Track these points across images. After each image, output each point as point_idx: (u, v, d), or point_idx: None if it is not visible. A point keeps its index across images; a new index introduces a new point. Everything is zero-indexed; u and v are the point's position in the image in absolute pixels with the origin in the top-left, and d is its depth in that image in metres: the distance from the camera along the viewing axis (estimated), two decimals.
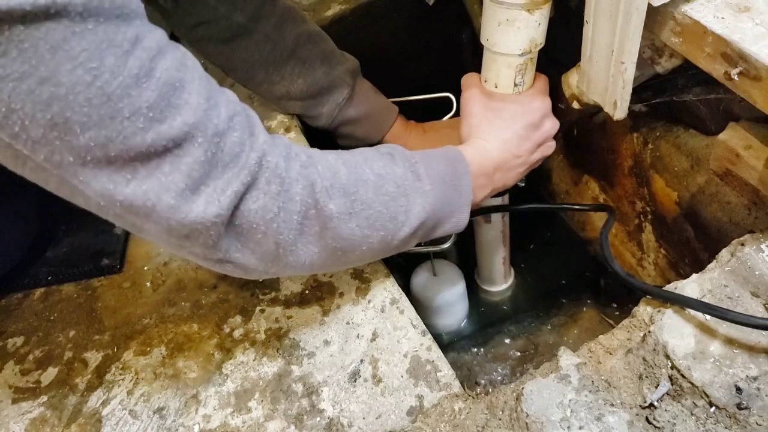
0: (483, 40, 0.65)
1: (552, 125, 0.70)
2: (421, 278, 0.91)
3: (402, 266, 1.00)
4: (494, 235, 0.91)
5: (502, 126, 0.66)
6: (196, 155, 0.41)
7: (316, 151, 0.53)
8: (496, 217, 0.87)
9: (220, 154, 0.42)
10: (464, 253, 1.05)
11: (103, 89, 0.36)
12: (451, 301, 0.94)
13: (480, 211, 0.86)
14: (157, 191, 0.40)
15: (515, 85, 0.67)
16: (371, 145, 0.86)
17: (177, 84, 0.40)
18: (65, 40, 0.34)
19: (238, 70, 0.80)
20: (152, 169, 0.40)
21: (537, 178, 1.15)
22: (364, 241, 0.52)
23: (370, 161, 0.55)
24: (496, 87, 0.68)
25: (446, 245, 0.76)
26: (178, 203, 0.41)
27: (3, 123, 0.35)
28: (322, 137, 0.85)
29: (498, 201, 0.84)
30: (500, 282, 1.03)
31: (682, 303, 0.53)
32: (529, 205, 0.87)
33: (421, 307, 0.93)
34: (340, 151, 0.55)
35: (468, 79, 0.73)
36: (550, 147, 0.71)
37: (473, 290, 1.05)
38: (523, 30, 0.61)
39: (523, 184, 0.82)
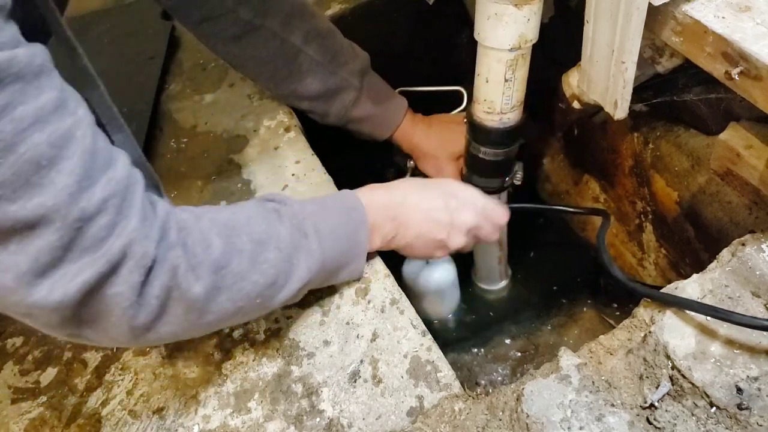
0: (475, 35, 0.65)
1: (465, 220, 0.65)
2: (413, 265, 0.91)
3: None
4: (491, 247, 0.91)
5: (422, 187, 0.65)
6: (50, 240, 0.38)
7: (191, 219, 0.49)
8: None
9: (80, 239, 0.39)
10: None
11: None
12: (442, 289, 0.93)
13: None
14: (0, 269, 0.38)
15: (505, 80, 0.66)
16: (380, 141, 0.85)
17: (44, 162, 0.37)
18: None
19: (246, 67, 0.80)
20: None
21: (536, 178, 1.15)
22: (237, 311, 0.50)
23: (252, 224, 0.52)
24: (487, 81, 0.67)
25: None
26: (15, 286, 0.38)
27: None
28: (328, 132, 0.85)
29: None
30: (495, 281, 1.03)
31: (682, 306, 0.53)
32: (524, 204, 0.87)
33: (411, 293, 0.93)
34: (221, 209, 0.53)
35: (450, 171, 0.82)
36: (458, 240, 0.65)
37: (469, 287, 1.05)
38: (512, 25, 0.61)
39: (520, 182, 0.82)
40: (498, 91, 0.68)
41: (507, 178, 0.80)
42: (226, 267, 0.48)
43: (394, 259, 0.70)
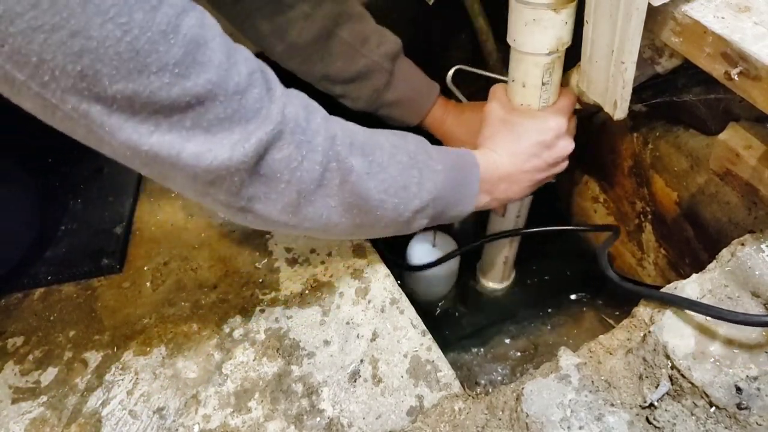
0: (510, 41, 0.65)
1: (565, 146, 0.69)
2: (419, 246, 0.92)
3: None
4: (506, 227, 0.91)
5: (514, 140, 0.67)
6: (217, 112, 0.42)
7: (331, 116, 0.53)
8: (511, 214, 0.87)
9: (243, 111, 0.43)
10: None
11: (132, 44, 0.37)
12: (442, 274, 0.94)
13: (491, 237, 0.88)
14: (181, 141, 0.42)
15: (543, 84, 0.67)
16: (410, 126, 0.85)
17: (201, 41, 0.40)
18: None
19: (275, 48, 0.79)
20: (174, 123, 0.41)
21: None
22: (379, 205, 0.54)
23: (384, 133, 0.57)
24: (524, 86, 0.68)
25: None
26: (202, 150, 0.42)
27: (33, 73, 0.36)
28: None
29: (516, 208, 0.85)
30: (497, 280, 1.03)
31: (676, 304, 0.54)
32: (536, 229, 0.87)
33: (411, 273, 0.93)
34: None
35: (493, 91, 0.74)
36: (561, 167, 0.71)
37: (470, 280, 1.05)
38: (550, 29, 0.61)
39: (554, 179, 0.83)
40: (535, 95, 0.68)
41: None
42: (372, 154, 0.52)
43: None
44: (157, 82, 0.38)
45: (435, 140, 0.85)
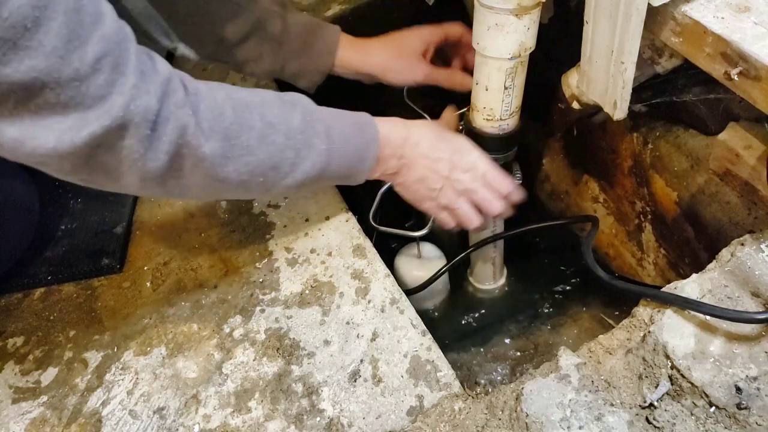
0: (474, 44, 0.65)
1: (478, 188, 0.66)
2: (405, 258, 0.92)
3: (388, 247, 1.00)
4: (485, 236, 0.91)
5: (433, 133, 0.65)
6: (47, 98, 0.40)
7: (205, 87, 0.51)
8: (488, 222, 0.87)
9: (79, 98, 0.41)
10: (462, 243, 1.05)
11: None
12: (434, 290, 0.94)
13: (473, 248, 0.89)
14: (1, 125, 0.40)
15: (505, 88, 0.67)
16: (326, 74, 0.79)
17: (29, 24, 0.37)
18: None
19: (174, 29, 0.74)
20: None
21: (536, 179, 1.15)
22: (241, 185, 0.53)
23: (266, 106, 0.54)
24: (486, 90, 0.68)
25: (423, 232, 0.78)
26: (23, 136, 0.40)
27: None
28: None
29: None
30: (489, 281, 1.03)
31: (667, 301, 0.54)
32: (515, 230, 0.87)
33: (402, 285, 0.94)
34: (238, 88, 0.54)
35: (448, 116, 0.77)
36: (463, 210, 0.67)
37: (464, 286, 1.05)
38: (512, 34, 0.61)
39: (520, 181, 0.83)
40: (498, 99, 0.68)
41: None
42: (236, 138, 0.50)
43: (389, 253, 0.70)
44: None
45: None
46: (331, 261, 0.67)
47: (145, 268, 0.71)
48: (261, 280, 0.67)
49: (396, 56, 0.80)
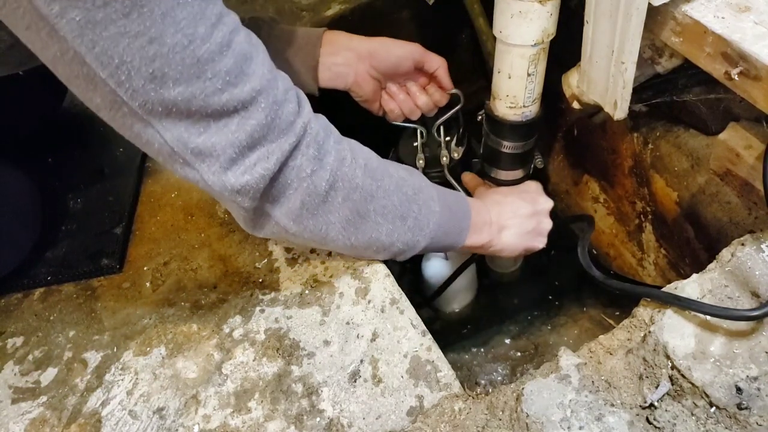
0: (496, 32, 0.66)
1: (548, 222, 0.76)
2: (433, 261, 0.92)
3: None
4: None
5: (501, 195, 0.75)
6: (259, 118, 0.47)
7: (351, 140, 0.58)
8: None
9: (278, 121, 0.49)
10: None
11: (195, 52, 0.43)
12: (461, 284, 0.95)
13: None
14: (223, 145, 0.47)
15: (528, 75, 0.67)
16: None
17: (248, 56, 0.47)
18: (173, 8, 0.41)
19: None
20: (221, 126, 0.46)
21: (535, 179, 1.15)
22: (375, 228, 0.58)
23: (396, 166, 0.61)
24: (509, 78, 0.68)
25: None
26: (237, 157, 0.48)
27: (114, 72, 0.41)
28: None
29: None
30: (509, 265, 1.04)
31: (663, 300, 0.54)
32: None
33: (430, 289, 0.94)
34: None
35: (470, 180, 0.85)
36: (542, 242, 0.76)
37: (482, 270, 1.06)
38: (536, 21, 0.62)
39: (542, 166, 0.86)
40: (521, 86, 0.69)
41: (530, 166, 0.83)
42: (380, 180, 0.57)
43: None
44: (211, 86, 0.44)
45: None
46: (331, 261, 0.67)
47: (145, 268, 0.71)
48: (261, 280, 0.67)
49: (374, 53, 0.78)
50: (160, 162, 0.49)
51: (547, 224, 0.76)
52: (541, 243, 0.76)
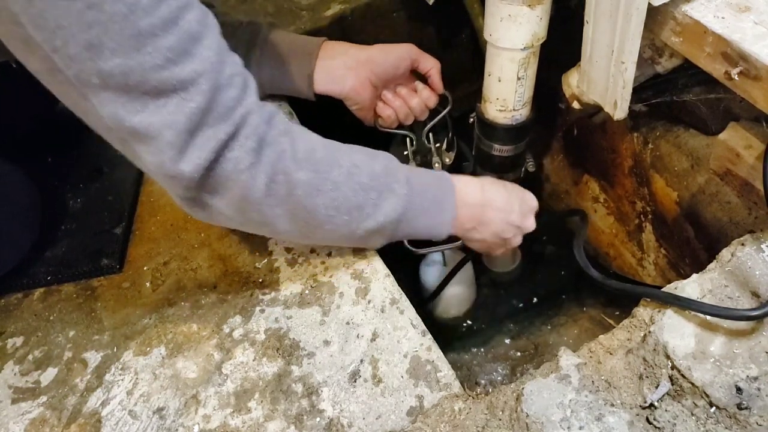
0: (486, 36, 0.66)
1: (532, 221, 0.72)
2: (430, 267, 0.92)
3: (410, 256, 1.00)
4: None
5: (490, 182, 0.69)
6: (198, 101, 0.46)
7: (301, 128, 0.56)
8: None
9: (216, 105, 0.47)
10: None
11: (135, 24, 0.41)
12: (459, 290, 0.95)
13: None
14: (159, 126, 0.45)
15: (518, 78, 0.67)
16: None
17: (196, 36, 0.45)
18: None
19: None
20: (160, 106, 0.45)
21: (535, 179, 1.15)
22: (327, 221, 0.56)
23: (352, 150, 0.58)
24: (499, 81, 0.68)
25: (460, 242, 0.78)
26: (174, 141, 0.46)
27: (49, 37, 0.40)
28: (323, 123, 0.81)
29: None
30: (507, 265, 1.04)
31: (655, 298, 0.54)
32: None
33: (427, 293, 0.94)
34: (328, 139, 0.58)
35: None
36: (518, 240, 0.72)
37: (481, 270, 1.06)
38: (525, 25, 0.62)
39: (534, 169, 0.85)
40: (511, 90, 0.69)
41: (521, 169, 0.82)
42: (326, 173, 0.54)
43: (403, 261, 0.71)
44: (151, 61, 0.43)
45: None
46: (331, 261, 0.67)
47: (145, 268, 0.71)
48: (261, 280, 0.67)
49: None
50: (101, 135, 0.48)
51: (517, 242, 0.73)
52: (498, 251, 0.73)
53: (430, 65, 0.78)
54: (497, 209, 0.67)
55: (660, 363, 0.51)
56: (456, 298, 0.97)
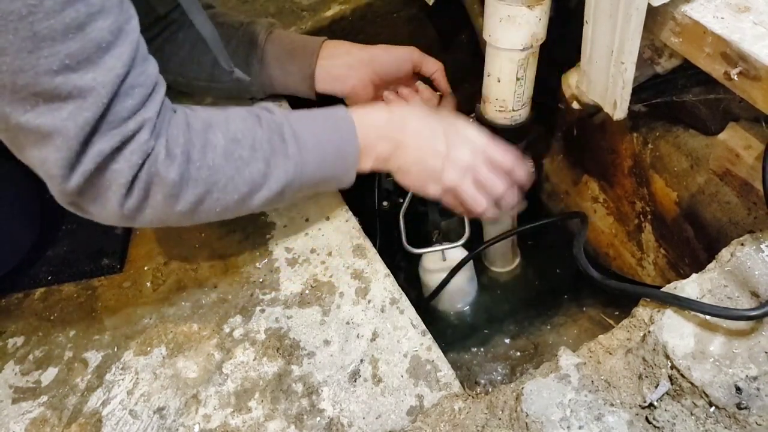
0: (485, 36, 0.66)
1: (467, 153, 0.62)
2: (430, 262, 0.92)
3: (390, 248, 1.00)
4: (503, 228, 0.92)
5: (425, 114, 0.63)
6: (94, 111, 0.44)
7: (191, 113, 0.54)
8: (505, 215, 0.88)
9: (108, 115, 0.46)
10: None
11: (32, 26, 0.40)
12: (460, 285, 0.95)
13: (481, 248, 0.87)
14: (49, 129, 0.44)
15: (517, 79, 0.67)
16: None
17: (104, 45, 0.44)
18: None
19: (170, 73, 0.74)
20: (53, 109, 0.43)
21: (536, 179, 1.15)
22: (216, 204, 0.54)
23: (229, 123, 0.55)
24: (499, 81, 0.68)
25: (460, 242, 0.77)
26: (63, 148, 0.44)
27: None
28: None
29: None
30: (507, 264, 1.04)
31: (655, 298, 0.54)
32: (502, 236, 0.87)
33: (429, 290, 0.94)
34: (206, 108, 0.56)
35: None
36: (435, 190, 0.63)
37: (480, 270, 1.06)
38: (524, 26, 0.62)
39: (532, 171, 0.83)
40: (510, 90, 0.69)
41: None
42: (201, 159, 0.52)
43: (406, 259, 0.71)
44: (45, 65, 0.41)
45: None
46: (331, 261, 0.67)
47: (146, 268, 0.71)
48: (261, 280, 0.67)
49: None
50: None
51: (452, 179, 0.62)
52: (432, 188, 0.63)
53: (434, 68, 0.78)
54: (413, 131, 0.61)
55: (659, 363, 0.51)
56: (461, 291, 0.97)
